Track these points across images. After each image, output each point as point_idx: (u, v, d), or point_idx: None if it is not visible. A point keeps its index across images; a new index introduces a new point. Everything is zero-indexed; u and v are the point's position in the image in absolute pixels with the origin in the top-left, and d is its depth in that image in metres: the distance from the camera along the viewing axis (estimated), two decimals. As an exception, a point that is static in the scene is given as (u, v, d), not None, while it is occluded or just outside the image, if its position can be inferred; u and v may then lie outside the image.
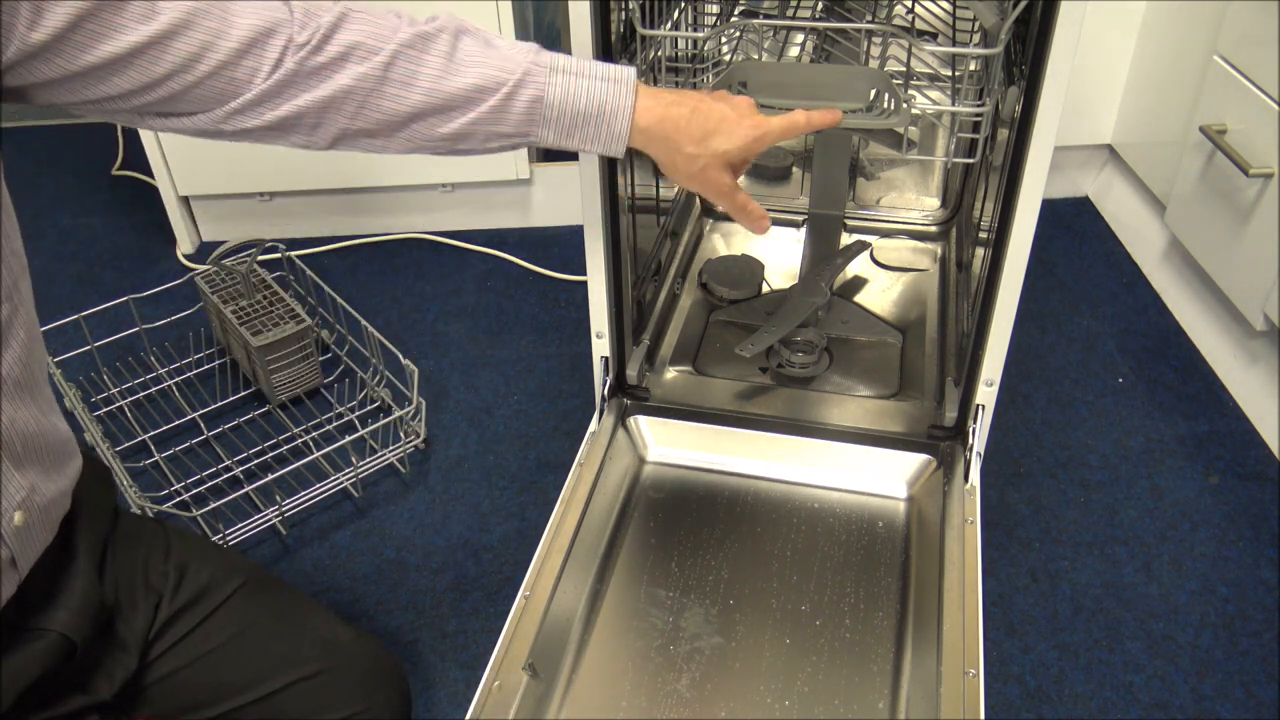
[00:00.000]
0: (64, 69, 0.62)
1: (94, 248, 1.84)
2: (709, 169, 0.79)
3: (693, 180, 0.81)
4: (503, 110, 0.72)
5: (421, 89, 0.71)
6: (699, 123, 0.77)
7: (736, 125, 0.78)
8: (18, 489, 0.67)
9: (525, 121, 0.74)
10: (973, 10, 1.04)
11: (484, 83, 0.71)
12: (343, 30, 0.68)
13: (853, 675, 0.91)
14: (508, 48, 0.73)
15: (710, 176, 0.80)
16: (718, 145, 0.78)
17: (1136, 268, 1.71)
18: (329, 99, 0.69)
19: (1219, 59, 1.39)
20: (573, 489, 1.04)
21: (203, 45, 0.64)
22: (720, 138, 0.78)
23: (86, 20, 0.60)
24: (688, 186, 0.84)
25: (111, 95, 0.64)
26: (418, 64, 0.70)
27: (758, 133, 0.79)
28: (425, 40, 0.70)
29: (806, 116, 0.82)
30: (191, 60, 0.64)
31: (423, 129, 0.73)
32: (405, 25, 0.71)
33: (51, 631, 0.70)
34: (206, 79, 0.65)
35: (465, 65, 0.71)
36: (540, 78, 0.73)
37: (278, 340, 1.37)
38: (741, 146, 0.79)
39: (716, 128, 0.78)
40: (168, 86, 0.65)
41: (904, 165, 1.51)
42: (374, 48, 0.69)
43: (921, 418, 1.12)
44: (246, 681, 0.83)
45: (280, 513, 1.27)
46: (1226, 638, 1.12)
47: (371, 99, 0.70)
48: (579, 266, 1.70)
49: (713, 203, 0.87)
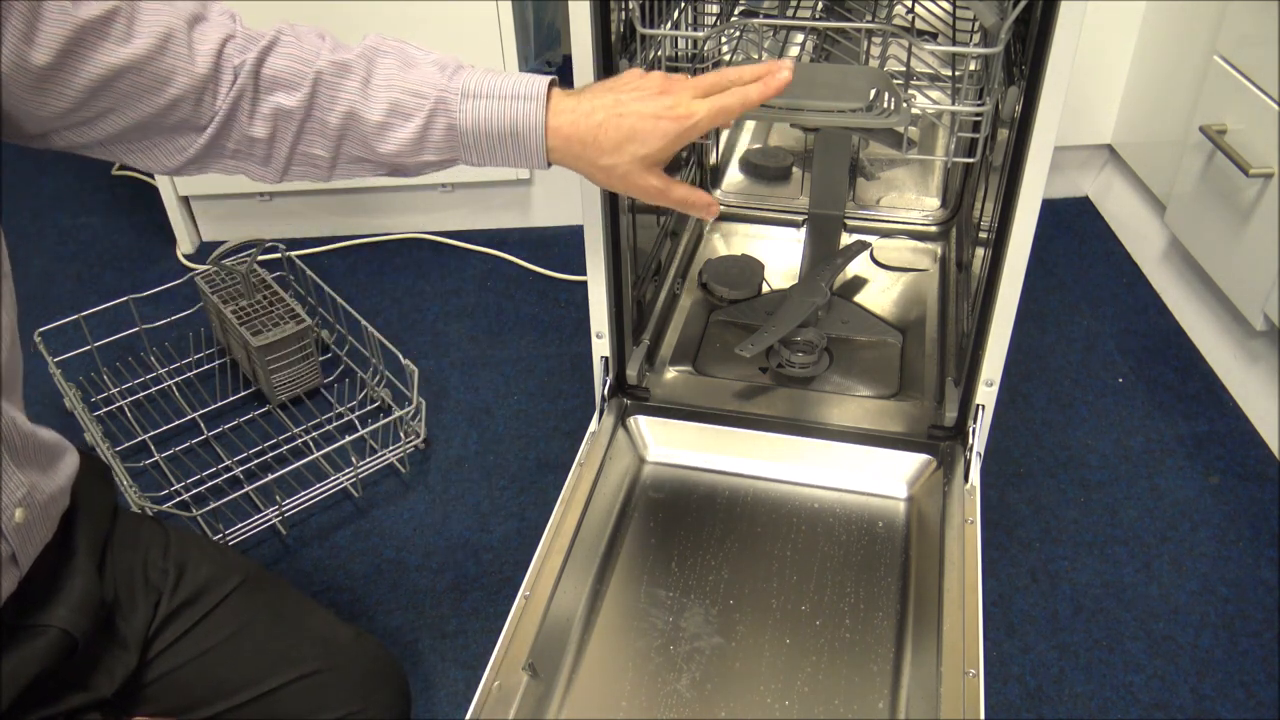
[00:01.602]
0: (63, 96, 0.63)
1: (94, 248, 1.84)
2: (630, 175, 0.75)
3: (615, 187, 0.77)
4: (422, 140, 0.73)
5: (339, 114, 0.71)
6: (610, 134, 0.73)
7: (655, 126, 0.72)
8: (18, 485, 0.67)
9: (447, 148, 0.74)
10: (973, 10, 1.04)
11: (397, 107, 0.71)
12: (273, 55, 0.69)
13: (853, 675, 0.91)
14: (425, 67, 0.73)
15: (634, 183, 0.75)
16: (635, 151, 0.73)
17: (1136, 268, 1.71)
18: (270, 130, 0.70)
19: (1219, 59, 1.39)
20: (573, 489, 1.04)
21: (170, 69, 0.66)
22: (635, 144, 0.73)
23: (75, 45, 0.62)
24: (617, 191, 0.80)
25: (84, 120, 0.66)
26: (335, 89, 0.71)
27: (681, 126, 0.73)
28: (343, 67, 0.71)
29: (741, 95, 0.74)
30: (162, 82, 0.66)
31: (351, 152, 0.73)
32: (326, 51, 0.71)
33: (52, 628, 0.70)
34: (177, 102, 0.67)
35: (380, 89, 0.71)
36: (453, 105, 0.72)
37: (278, 340, 1.37)
38: (663, 146, 0.73)
39: (630, 134, 0.72)
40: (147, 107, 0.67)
41: (904, 165, 1.51)
42: (299, 73, 0.70)
43: (921, 418, 1.12)
44: (245, 680, 0.83)
45: (280, 513, 1.27)
46: (1226, 638, 1.12)
47: (304, 127, 0.71)
48: (579, 266, 1.70)
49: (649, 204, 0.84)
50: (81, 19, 0.61)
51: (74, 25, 0.61)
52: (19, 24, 0.59)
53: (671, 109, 0.73)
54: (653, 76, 0.75)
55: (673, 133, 0.73)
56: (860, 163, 1.49)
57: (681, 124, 0.73)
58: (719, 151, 1.54)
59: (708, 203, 0.79)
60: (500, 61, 1.59)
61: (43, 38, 0.60)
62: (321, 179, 0.75)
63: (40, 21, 0.60)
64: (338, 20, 1.51)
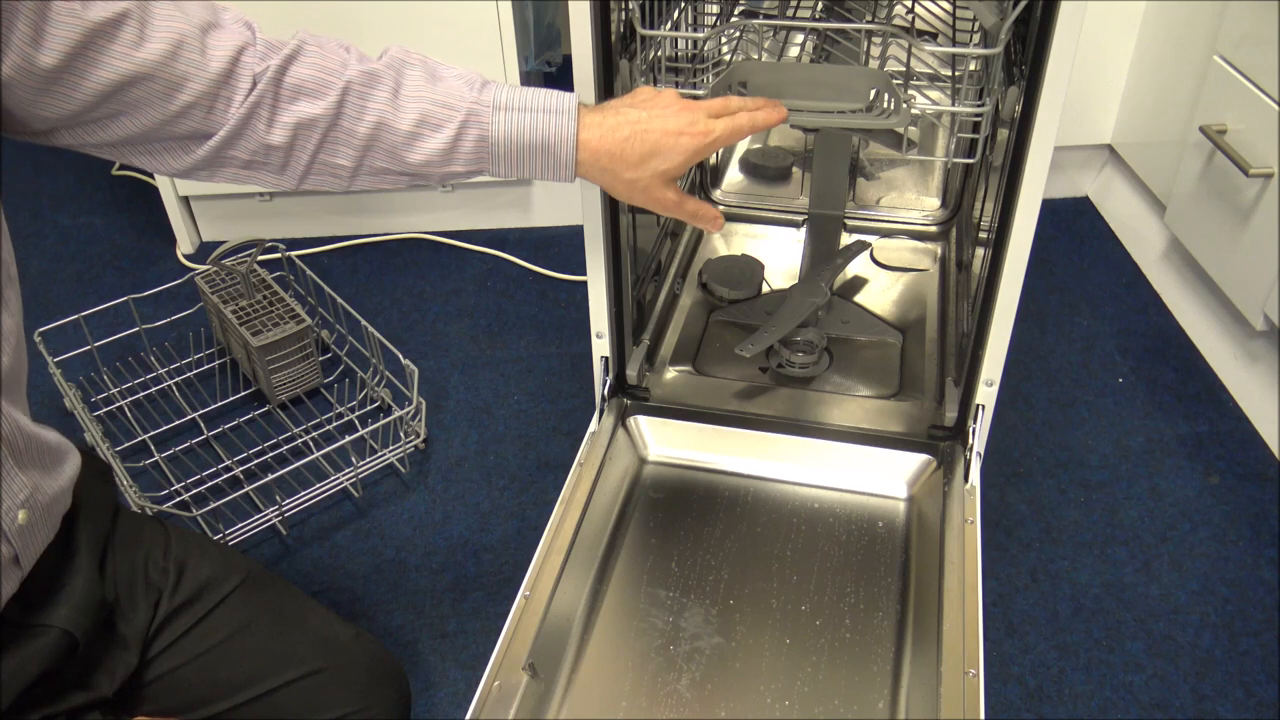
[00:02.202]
0: (71, 99, 0.63)
1: (94, 248, 1.84)
2: (650, 189, 0.79)
3: (634, 200, 0.80)
4: (452, 151, 0.74)
5: (368, 123, 0.72)
6: (635, 148, 0.76)
7: (675, 142, 0.77)
8: (21, 488, 0.67)
9: (475, 160, 0.75)
10: (973, 10, 1.04)
11: (427, 118, 0.72)
12: (296, 64, 0.70)
13: (853, 675, 0.91)
14: (452, 80, 0.74)
15: (653, 196, 0.79)
16: (656, 166, 0.77)
17: (1136, 268, 1.71)
18: (289, 138, 0.71)
19: (1219, 59, 1.39)
20: (573, 489, 1.04)
21: (183, 75, 0.66)
22: (658, 159, 0.77)
23: (85, 48, 0.61)
24: (632, 204, 0.83)
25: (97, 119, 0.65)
26: (364, 99, 0.71)
27: (700, 143, 0.77)
28: (372, 77, 0.71)
29: (750, 118, 0.80)
30: (174, 88, 0.66)
31: (375, 164, 0.74)
32: (354, 61, 0.72)
33: (53, 628, 0.70)
34: (189, 109, 0.67)
35: (409, 100, 0.72)
36: (485, 116, 0.73)
37: (278, 340, 1.37)
38: (683, 162, 0.78)
39: (654, 149, 0.76)
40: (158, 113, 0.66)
41: (904, 165, 1.51)
42: (325, 82, 0.70)
43: (921, 418, 1.12)
44: (246, 679, 0.83)
45: (280, 513, 1.27)
46: (1226, 638, 1.12)
47: (329, 135, 0.71)
48: (579, 266, 1.70)
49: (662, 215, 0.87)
50: (91, 21, 0.61)
51: (83, 28, 0.60)
52: (26, 25, 0.58)
53: (692, 125, 0.77)
54: (667, 94, 0.79)
55: (692, 149, 0.77)
56: (860, 163, 1.49)
57: (700, 141, 0.77)
58: (719, 152, 1.54)
59: (715, 216, 0.85)
60: (500, 61, 1.59)
61: (50, 40, 0.60)
62: (339, 188, 0.76)
63: (48, 23, 0.59)
64: (339, 20, 1.51)
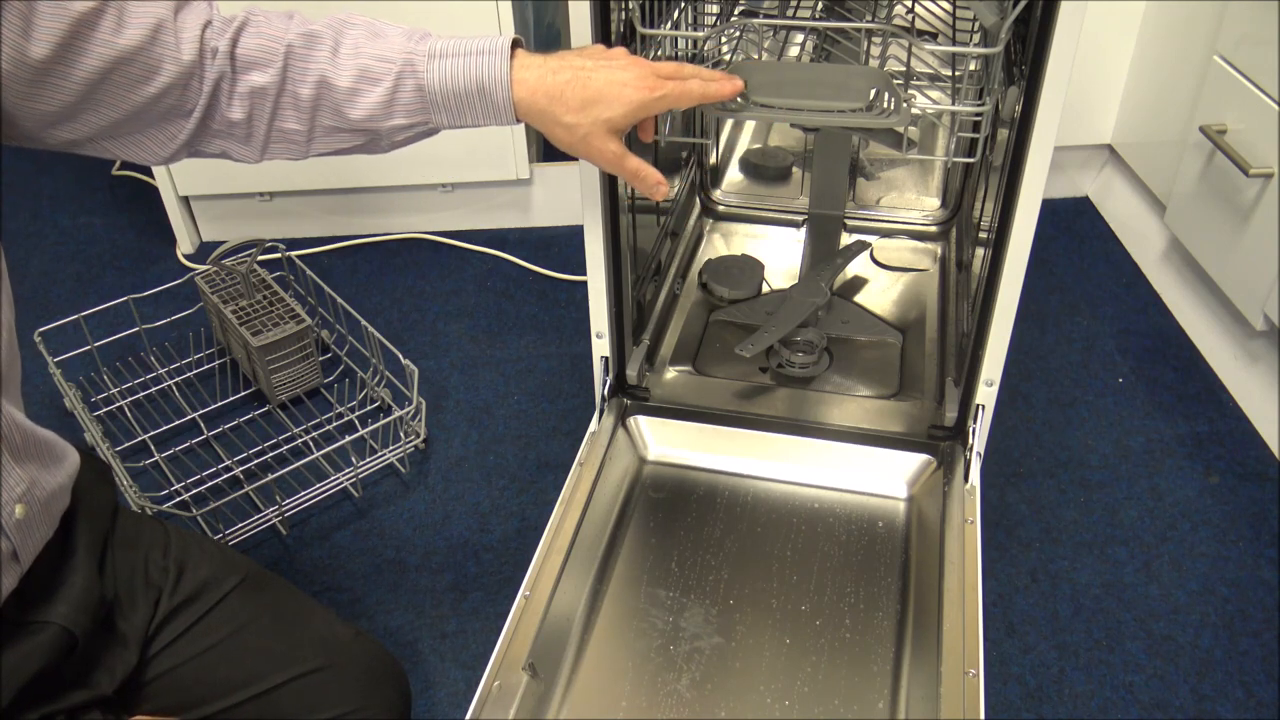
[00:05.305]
0: (61, 89, 0.64)
1: (94, 248, 1.84)
2: (591, 138, 0.76)
3: (575, 150, 0.77)
4: (391, 103, 0.73)
5: (310, 84, 0.72)
6: (576, 92, 0.74)
7: (620, 92, 0.74)
8: (18, 482, 0.67)
9: (418, 110, 0.74)
10: (973, 10, 1.04)
11: (365, 73, 0.72)
12: (244, 36, 0.71)
13: (853, 675, 0.91)
14: (393, 35, 0.74)
15: (593, 145, 0.76)
16: (599, 114, 0.74)
17: (1136, 268, 1.71)
18: (247, 110, 0.72)
19: (1219, 59, 1.39)
20: (573, 489, 1.04)
21: (160, 56, 0.67)
22: (600, 106, 0.74)
23: (73, 38, 0.63)
24: (574, 154, 0.80)
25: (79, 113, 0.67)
26: (306, 61, 0.72)
27: (647, 96, 0.75)
28: (311, 38, 0.72)
29: (702, 85, 0.78)
30: (153, 71, 0.67)
31: (325, 122, 0.74)
32: (295, 26, 0.72)
33: (52, 625, 0.70)
34: (167, 89, 0.68)
35: (347, 57, 0.72)
36: (420, 66, 0.73)
37: (278, 340, 1.37)
38: (626, 113, 0.75)
39: (597, 96, 0.74)
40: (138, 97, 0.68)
41: (904, 165, 1.51)
42: (270, 49, 0.71)
43: (921, 418, 1.12)
44: (245, 678, 0.83)
45: (280, 513, 1.27)
46: (1226, 638, 1.12)
47: (279, 102, 0.72)
48: (579, 266, 1.70)
49: (604, 170, 0.85)
50: (76, 12, 0.63)
51: (69, 18, 0.63)
52: (16, 20, 0.60)
53: (640, 79, 0.75)
54: (618, 51, 0.78)
55: (638, 101, 0.75)
56: (860, 163, 1.49)
57: (647, 94, 0.75)
58: (719, 152, 1.54)
59: (658, 181, 0.80)
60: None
61: (40, 32, 0.61)
62: (299, 155, 0.76)
63: (36, 16, 0.61)
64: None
